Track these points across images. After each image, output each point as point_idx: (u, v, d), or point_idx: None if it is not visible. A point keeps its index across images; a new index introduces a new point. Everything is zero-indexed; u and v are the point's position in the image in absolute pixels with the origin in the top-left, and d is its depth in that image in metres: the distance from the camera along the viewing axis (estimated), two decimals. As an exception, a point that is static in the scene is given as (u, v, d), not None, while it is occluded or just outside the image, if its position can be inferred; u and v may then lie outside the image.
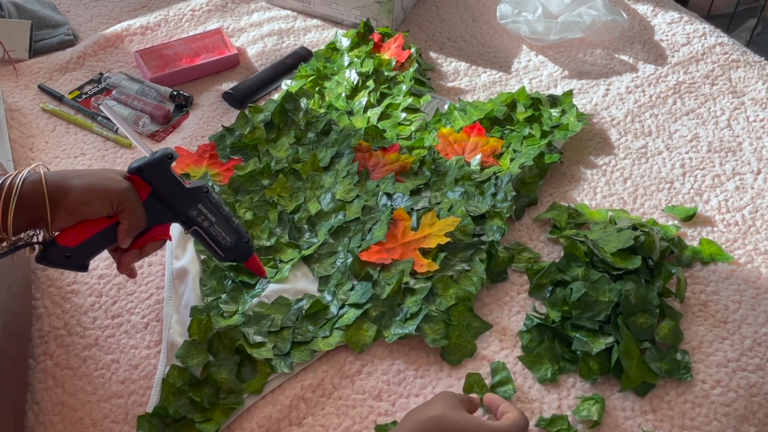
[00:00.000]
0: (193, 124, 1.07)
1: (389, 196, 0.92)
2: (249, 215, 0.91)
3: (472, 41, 1.25)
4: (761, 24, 1.66)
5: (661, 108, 1.09)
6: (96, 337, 0.79)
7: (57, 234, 0.65)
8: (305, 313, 0.79)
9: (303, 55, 1.18)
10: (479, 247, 0.85)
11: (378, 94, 1.09)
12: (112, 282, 0.84)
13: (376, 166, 0.98)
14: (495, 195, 0.91)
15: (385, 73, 1.13)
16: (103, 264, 0.86)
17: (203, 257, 0.86)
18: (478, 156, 0.97)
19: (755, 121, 1.07)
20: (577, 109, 1.05)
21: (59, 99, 1.10)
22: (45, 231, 0.64)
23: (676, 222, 0.92)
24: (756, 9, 1.69)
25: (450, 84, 1.16)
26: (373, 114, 1.06)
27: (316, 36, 1.25)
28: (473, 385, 0.74)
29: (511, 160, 0.97)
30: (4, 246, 0.62)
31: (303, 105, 1.07)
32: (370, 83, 1.11)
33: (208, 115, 1.08)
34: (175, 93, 1.10)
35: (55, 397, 0.74)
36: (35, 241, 0.64)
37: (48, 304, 0.82)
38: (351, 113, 1.07)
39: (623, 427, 0.72)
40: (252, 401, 0.73)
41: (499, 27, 1.26)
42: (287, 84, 1.12)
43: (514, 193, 0.91)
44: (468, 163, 0.97)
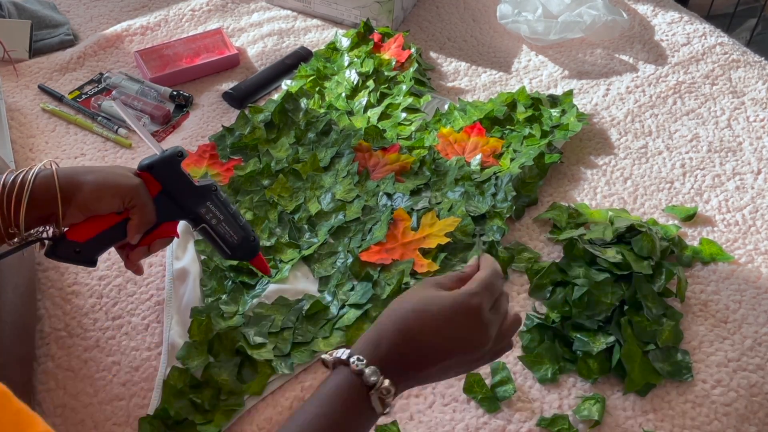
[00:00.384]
0: (193, 124, 1.07)
1: (389, 196, 0.92)
2: (249, 215, 0.91)
3: (472, 41, 1.25)
4: (761, 24, 1.66)
5: (661, 108, 1.09)
6: (97, 339, 0.79)
7: (67, 229, 0.65)
8: (305, 314, 0.79)
9: (303, 55, 1.18)
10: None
11: (378, 94, 1.09)
12: (112, 283, 0.84)
13: (376, 166, 0.98)
14: (495, 195, 0.91)
15: (385, 73, 1.13)
16: (104, 266, 0.86)
17: (203, 258, 0.86)
18: (478, 156, 0.97)
19: (755, 121, 1.07)
20: (577, 109, 1.05)
21: (59, 99, 1.10)
22: (55, 227, 0.64)
23: (676, 222, 0.92)
24: (756, 9, 1.69)
25: (450, 84, 1.16)
26: (373, 114, 1.06)
27: (316, 36, 1.25)
28: (473, 385, 0.74)
29: (511, 160, 0.97)
30: (15, 242, 0.63)
31: (303, 105, 1.07)
32: (370, 83, 1.11)
33: (208, 115, 1.08)
34: (175, 93, 1.10)
35: (57, 399, 0.74)
36: (43, 237, 0.65)
37: (49, 305, 0.82)
38: (351, 113, 1.07)
39: (624, 427, 0.72)
40: (252, 403, 0.73)
41: (499, 27, 1.26)
42: (287, 84, 1.12)
43: (514, 193, 0.91)
44: (468, 163, 0.97)
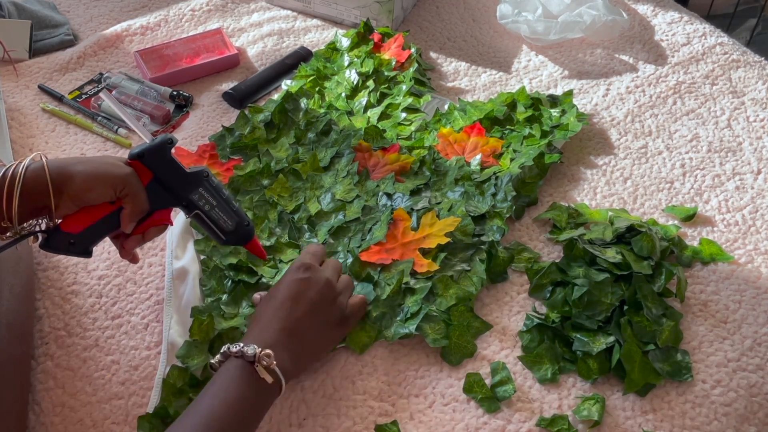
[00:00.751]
0: (193, 124, 1.07)
1: (389, 196, 0.92)
2: (249, 215, 0.91)
3: (472, 41, 1.25)
4: (761, 24, 1.66)
5: (661, 108, 1.09)
6: (96, 338, 0.79)
7: (60, 221, 0.65)
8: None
9: (303, 55, 1.18)
10: (479, 247, 0.85)
11: (378, 94, 1.09)
12: (112, 283, 0.84)
13: (376, 166, 0.98)
14: (495, 195, 0.91)
15: (385, 73, 1.13)
16: (103, 265, 0.86)
17: (203, 257, 0.86)
18: (478, 156, 0.97)
19: (755, 121, 1.07)
20: (577, 109, 1.05)
21: (59, 99, 1.10)
22: (48, 219, 0.65)
23: (676, 222, 0.92)
24: (756, 9, 1.69)
25: (450, 84, 1.16)
26: (373, 114, 1.06)
27: (316, 36, 1.25)
28: (473, 385, 0.74)
29: (511, 160, 0.97)
30: (8, 236, 0.63)
31: (303, 105, 1.07)
32: (370, 83, 1.11)
33: (208, 115, 1.08)
34: (175, 93, 1.10)
35: (56, 398, 0.74)
36: (39, 230, 0.65)
37: (48, 304, 0.82)
38: (351, 113, 1.07)
39: (623, 427, 0.72)
40: (252, 402, 0.73)
41: (499, 27, 1.26)
42: (287, 84, 1.12)
43: (514, 193, 0.91)
44: (468, 163, 0.97)
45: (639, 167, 1.00)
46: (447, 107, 1.08)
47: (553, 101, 1.08)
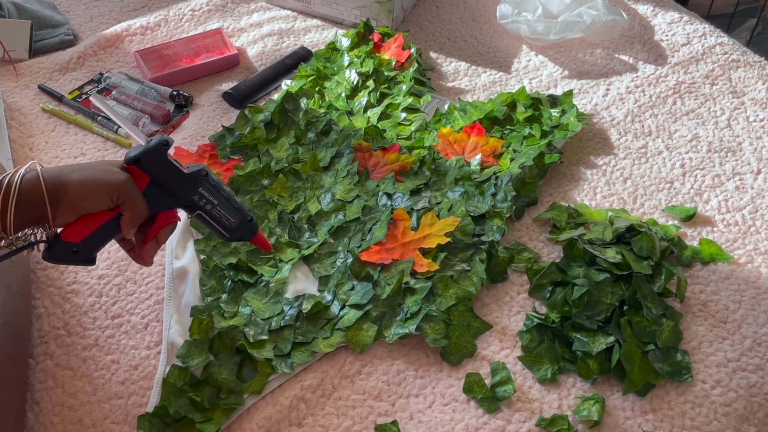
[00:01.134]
0: (193, 124, 1.07)
1: (389, 196, 0.92)
2: (249, 215, 0.91)
3: (472, 41, 1.25)
4: (761, 24, 1.66)
5: (661, 108, 1.09)
6: (96, 338, 0.79)
7: (61, 230, 0.65)
8: (306, 314, 0.79)
9: (303, 55, 1.18)
10: (479, 247, 0.85)
11: (378, 94, 1.09)
12: (112, 282, 0.84)
13: (376, 166, 0.98)
14: (495, 195, 0.91)
15: (385, 73, 1.13)
16: (103, 264, 0.86)
17: (203, 257, 0.86)
18: (478, 156, 0.97)
19: (755, 121, 1.07)
20: (577, 109, 1.05)
21: (59, 99, 1.10)
22: (45, 228, 0.64)
23: (676, 222, 0.92)
24: (756, 9, 1.69)
25: (450, 84, 1.16)
26: (373, 114, 1.06)
27: (316, 36, 1.25)
28: (473, 385, 0.74)
29: (511, 160, 0.97)
30: (2, 245, 0.62)
31: (303, 105, 1.07)
32: (370, 83, 1.11)
33: (208, 115, 1.08)
34: (175, 93, 1.10)
35: (55, 398, 0.74)
36: (39, 240, 0.64)
37: (48, 304, 0.82)
38: (351, 113, 1.07)
39: (623, 427, 0.72)
40: (252, 401, 0.73)
41: (499, 27, 1.26)
42: (287, 84, 1.12)
43: (514, 193, 0.91)
44: (468, 163, 0.97)
45: (639, 167, 1.00)
46: (447, 107, 1.08)
47: (553, 101, 1.08)
